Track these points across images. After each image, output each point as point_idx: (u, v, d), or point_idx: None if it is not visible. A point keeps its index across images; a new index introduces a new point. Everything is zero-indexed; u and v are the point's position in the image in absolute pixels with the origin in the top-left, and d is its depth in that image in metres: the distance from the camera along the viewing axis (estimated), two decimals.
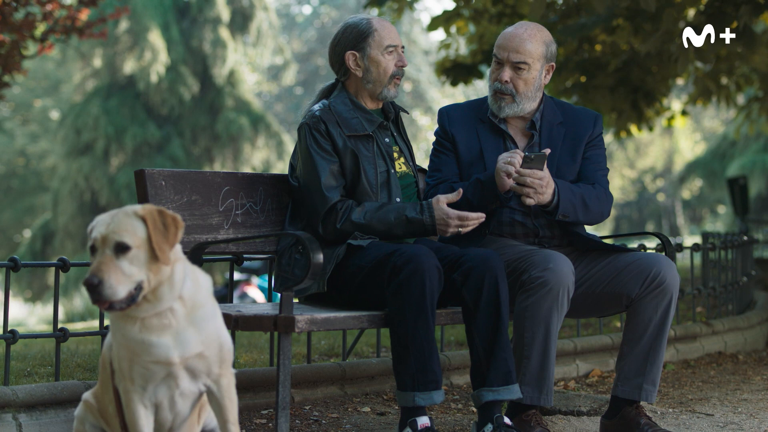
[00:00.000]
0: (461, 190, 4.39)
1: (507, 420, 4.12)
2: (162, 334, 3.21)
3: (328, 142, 4.46)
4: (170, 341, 3.21)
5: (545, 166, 4.39)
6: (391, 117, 4.68)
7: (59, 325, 4.57)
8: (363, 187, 4.46)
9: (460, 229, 4.36)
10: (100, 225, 3.17)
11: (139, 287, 3.15)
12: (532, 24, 4.66)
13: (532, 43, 4.57)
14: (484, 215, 4.36)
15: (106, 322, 4.69)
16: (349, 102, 4.57)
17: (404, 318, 4.09)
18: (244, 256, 4.82)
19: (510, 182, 4.37)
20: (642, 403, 4.62)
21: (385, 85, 4.57)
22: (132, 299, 3.14)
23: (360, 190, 4.47)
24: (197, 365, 3.27)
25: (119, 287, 3.11)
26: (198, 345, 3.25)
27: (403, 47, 4.62)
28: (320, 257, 3.98)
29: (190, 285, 3.29)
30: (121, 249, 3.13)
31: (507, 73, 4.59)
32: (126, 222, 3.17)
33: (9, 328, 4.39)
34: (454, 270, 4.21)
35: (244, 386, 4.78)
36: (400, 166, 4.62)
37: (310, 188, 4.45)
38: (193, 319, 3.26)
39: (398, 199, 4.53)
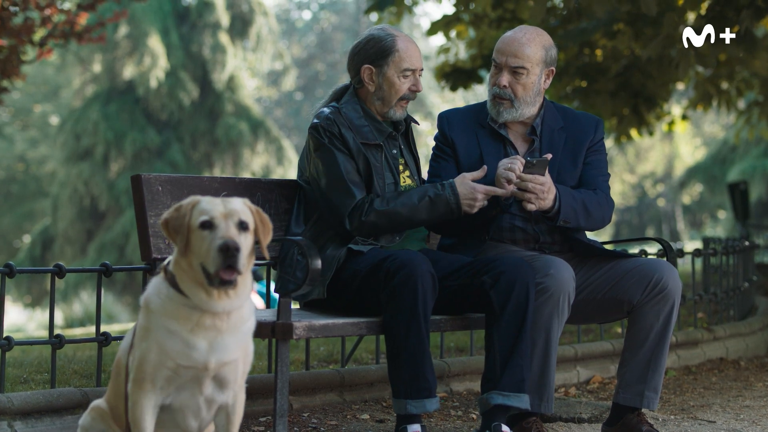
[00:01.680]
0: (486, 167, 4.34)
1: (506, 428, 4.09)
2: (204, 339, 3.21)
3: (341, 144, 4.42)
4: (207, 346, 3.21)
5: (546, 171, 4.36)
6: (401, 130, 4.64)
7: (57, 332, 4.54)
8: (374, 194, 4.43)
9: (484, 205, 4.32)
10: (214, 204, 3.20)
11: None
12: (532, 28, 4.62)
13: (531, 47, 4.53)
14: (508, 191, 4.31)
15: (103, 329, 4.66)
16: (360, 109, 4.53)
17: (397, 324, 4.07)
18: None
19: (511, 188, 4.34)
20: (643, 410, 4.58)
21: (392, 105, 4.52)
22: (237, 279, 3.17)
23: None
24: (227, 374, 3.27)
25: (244, 260, 3.16)
26: (233, 354, 3.26)
27: (422, 70, 4.57)
28: (318, 263, 3.96)
29: (251, 299, 3.32)
30: (244, 227, 3.20)
31: (505, 78, 4.55)
32: (243, 206, 3.24)
33: (5, 335, 4.35)
34: (485, 273, 4.19)
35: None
36: (405, 179, 4.59)
37: (333, 185, 4.40)
38: (235, 329, 3.27)
39: None
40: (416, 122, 4.71)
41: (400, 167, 4.58)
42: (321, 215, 4.48)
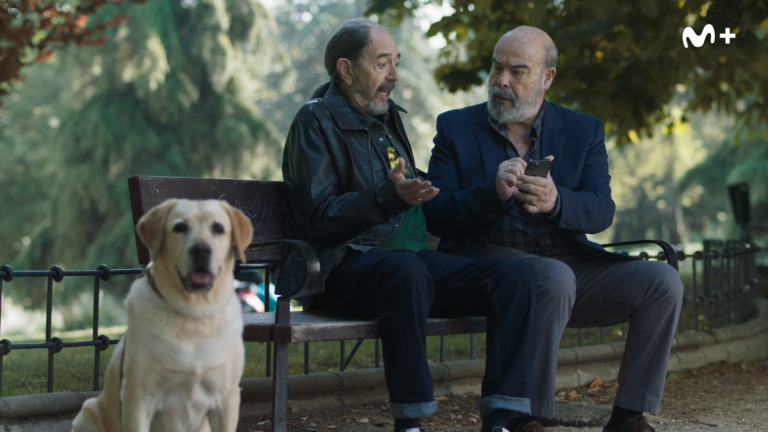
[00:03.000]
0: (402, 159, 4.20)
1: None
2: (190, 343, 3.19)
3: (321, 138, 4.40)
4: (194, 350, 3.19)
5: (548, 173, 4.33)
6: (386, 119, 4.61)
7: (56, 335, 4.51)
8: (357, 182, 4.39)
9: (415, 197, 4.17)
10: (189, 206, 3.18)
11: (218, 274, 3.16)
12: (533, 28, 4.60)
13: (532, 47, 4.51)
14: (419, 180, 4.11)
15: (103, 331, 4.63)
16: (343, 99, 4.51)
17: (392, 328, 4.04)
18: (241, 265, 4.75)
19: (512, 190, 4.30)
20: (644, 413, 4.56)
21: (372, 98, 4.50)
22: (212, 283, 3.14)
23: (354, 186, 4.40)
24: (215, 378, 3.24)
25: (218, 262, 3.14)
26: (220, 358, 3.23)
27: (399, 55, 4.54)
28: (317, 265, 3.94)
29: (234, 299, 3.30)
30: (218, 230, 3.17)
31: (506, 78, 4.52)
32: (219, 209, 3.21)
33: (2, 338, 4.32)
34: (487, 275, 4.16)
35: (240, 397, 4.71)
36: None
37: (299, 189, 4.41)
38: (220, 332, 3.24)
39: None
40: (403, 110, 4.69)
41: (390, 155, 4.55)
42: None
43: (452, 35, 11.84)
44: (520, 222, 4.55)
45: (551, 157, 4.35)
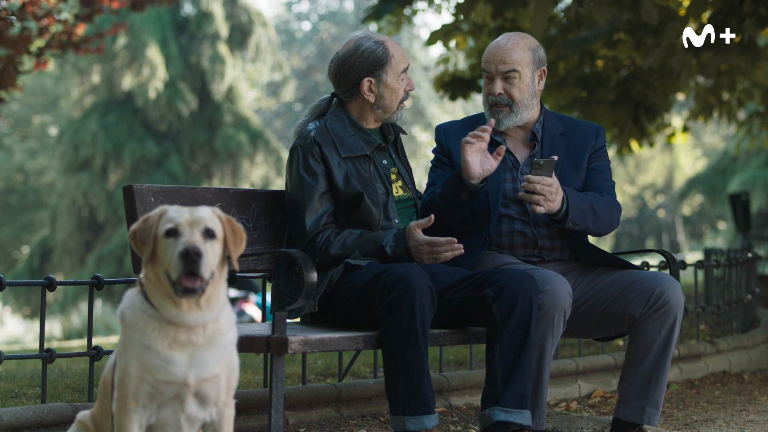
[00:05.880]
0: (432, 216, 4.21)
1: None
2: (183, 353, 3.14)
3: (321, 166, 4.34)
4: (186, 361, 3.14)
5: (553, 173, 4.29)
6: (391, 139, 4.57)
7: (54, 344, 4.46)
8: (366, 207, 4.34)
9: (435, 257, 4.21)
10: (180, 212, 3.15)
11: (210, 280, 3.13)
12: (515, 33, 4.63)
13: (517, 51, 4.51)
14: (455, 240, 4.17)
15: (101, 341, 4.59)
16: (347, 120, 4.46)
17: (394, 339, 3.98)
18: (237, 274, 4.70)
19: (473, 160, 4.24)
20: (645, 426, 4.51)
21: (394, 110, 4.49)
22: (203, 288, 3.10)
23: (363, 210, 4.34)
24: (208, 390, 3.19)
25: (209, 267, 3.10)
26: (213, 369, 3.18)
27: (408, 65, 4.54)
28: (314, 276, 3.88)
29: (228, 309, 3.26)
30: (210, 235, 3.14)
31: (498, 86, 4.52)
32: (210, 215, 3.18)
33: None
34: (487, 285, 4.11)
35: (237, 408, 4.65)
36: (398, 189, 4.51)
37: (294, 215, 4.36)
38: (214, 343, 3.19)
39: (397, 220, 4.42)
40: (404, 132, 4.66)
41: (393, 176, 4.51)
42: None
43: (452, 43, 11.81)
44: (519, 223, 4.52)
45: (556, 157, 4.31)
